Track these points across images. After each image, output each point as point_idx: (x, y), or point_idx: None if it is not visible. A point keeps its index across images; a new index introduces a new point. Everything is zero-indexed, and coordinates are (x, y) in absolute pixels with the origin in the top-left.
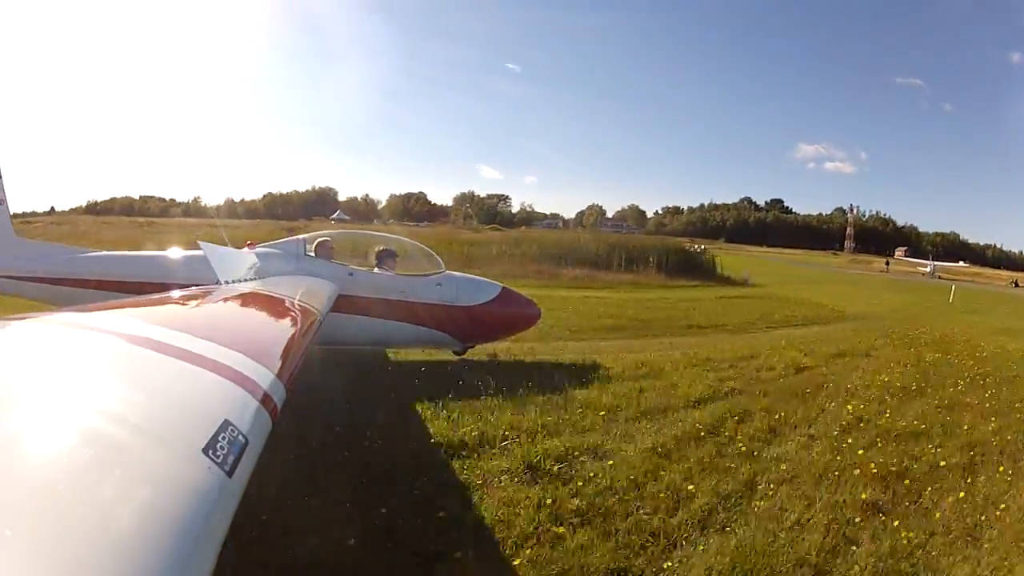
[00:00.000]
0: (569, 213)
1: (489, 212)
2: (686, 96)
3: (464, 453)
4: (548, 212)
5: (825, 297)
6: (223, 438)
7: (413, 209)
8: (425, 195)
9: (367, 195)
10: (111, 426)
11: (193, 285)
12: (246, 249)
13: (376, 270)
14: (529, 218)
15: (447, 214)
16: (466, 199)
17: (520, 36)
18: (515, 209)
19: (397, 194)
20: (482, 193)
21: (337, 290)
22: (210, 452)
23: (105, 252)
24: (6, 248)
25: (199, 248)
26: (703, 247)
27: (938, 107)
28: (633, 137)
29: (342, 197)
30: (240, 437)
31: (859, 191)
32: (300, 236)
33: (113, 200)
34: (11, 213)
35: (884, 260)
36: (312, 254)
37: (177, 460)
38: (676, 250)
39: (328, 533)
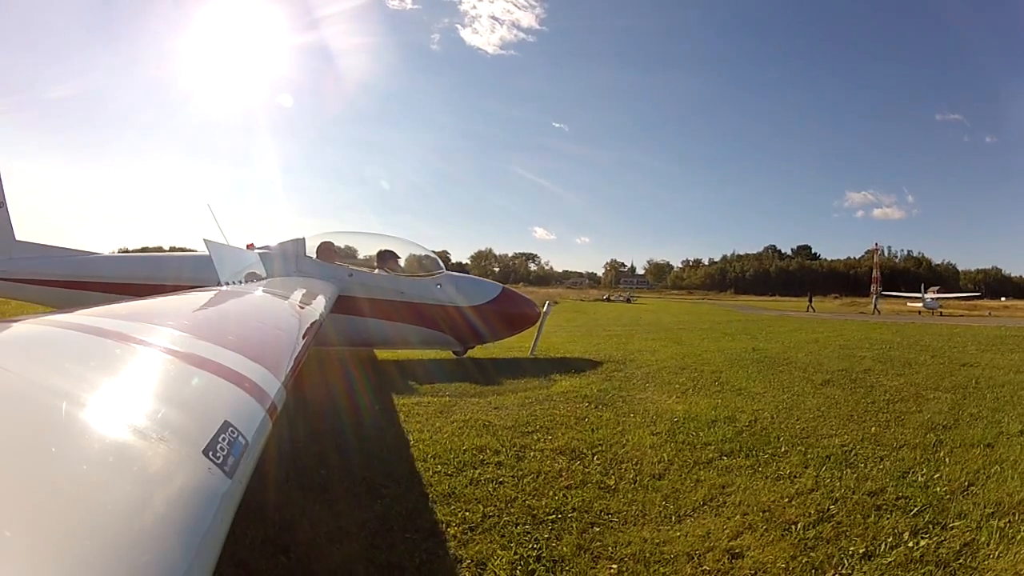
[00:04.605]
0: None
1: (507, 270)
2: (731, 155)
3: None
4: (584, 271)
5: None
6: (223, 439)
7: None
8: (448, 253)
9: None
10: (111, 427)
11: (193, 286)
12: (247, 251)
13: (376, 271)
14: (548, 276)
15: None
16: (482, 257)
17: (564, 97)
18: (558, 269)
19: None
20: (510, 252)
21: (337, 291)
22: (210, 453)
23: (105, 254)
24: (7, 250)
25: (200, 250)
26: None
27: (980, 140)
28: (679, 196)
29: None
30: (240, 438)
31: (908, 234)
32: (301, 237)
33: (145, 249)
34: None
35: (807, 298)
36: (313, 255)
37: (178, 461)
38: None
39: None
